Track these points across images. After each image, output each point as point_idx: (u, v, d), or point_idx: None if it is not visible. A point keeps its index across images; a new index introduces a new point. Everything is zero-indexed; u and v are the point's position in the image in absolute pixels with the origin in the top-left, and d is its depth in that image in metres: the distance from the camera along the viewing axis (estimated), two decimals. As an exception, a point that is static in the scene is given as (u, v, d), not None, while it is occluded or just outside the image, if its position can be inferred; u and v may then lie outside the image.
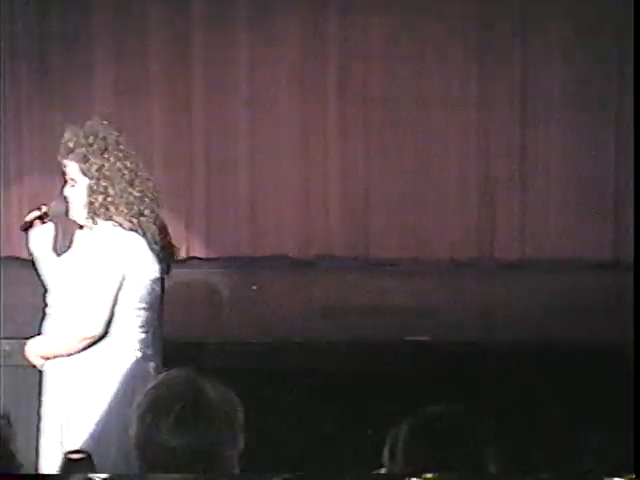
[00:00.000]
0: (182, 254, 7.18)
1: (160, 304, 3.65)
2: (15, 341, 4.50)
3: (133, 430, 2.22)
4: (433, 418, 2.33)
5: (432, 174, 7.20)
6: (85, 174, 3.51)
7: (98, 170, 3.49)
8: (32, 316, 3.74)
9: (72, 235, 3.61)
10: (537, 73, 7.08)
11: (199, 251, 7.35)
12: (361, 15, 7.12)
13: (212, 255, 7.30)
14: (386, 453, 2.34)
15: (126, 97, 7.21)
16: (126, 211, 3.50)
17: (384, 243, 7.21)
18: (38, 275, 3.69)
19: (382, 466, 2.40)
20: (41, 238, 3.63)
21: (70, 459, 2.45)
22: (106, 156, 3.51)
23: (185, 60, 7.24)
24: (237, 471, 2.22)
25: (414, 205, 7.21)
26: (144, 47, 7.22)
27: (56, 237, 3.63)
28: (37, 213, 3.67)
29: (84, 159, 3.50)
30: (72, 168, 3.53)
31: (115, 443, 3.37)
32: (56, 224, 3.64)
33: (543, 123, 7.09)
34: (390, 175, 7.21)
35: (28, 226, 3.67)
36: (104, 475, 2.37)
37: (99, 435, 3.44)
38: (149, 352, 3.59)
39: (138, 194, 3.53)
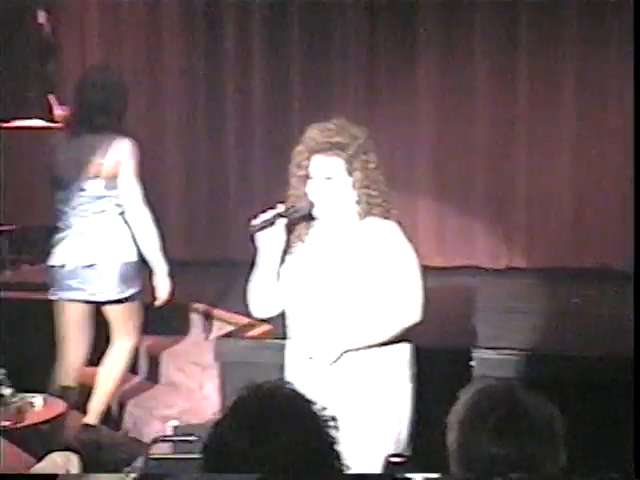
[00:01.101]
0: (502, 265, 7.29)
1: None
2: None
3: (453, 436, 2.25)
4: None
5: None
6: (347, 171, 3.51)
7: (361, 167, 3.50)
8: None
9: (300, 231, 3.59)
10: None
11: (520, 262, 7.30)
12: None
13: (533, 266, 7.22)
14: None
15: (449, 99, 7.32)
16: (386, 207, 3.54)
17: None
18: (260, 275, 3.60)
19: None
20: (280, 237, 3.55)
21: (392, 462, 2.50)
22: (365, 153, 3.52)
23: (509, 67, 7.25)
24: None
25: None
26: (468, 54, 7.30)
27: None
28: (274, 212, 3.52)
29: (346, 156, 3.49)
30: (328, 165, 3.51)
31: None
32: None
33: None
34: None
35: (266, 226, 3.52)
36: (435, 475, 2.42)
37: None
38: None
39: (387, 191, 3.57)
